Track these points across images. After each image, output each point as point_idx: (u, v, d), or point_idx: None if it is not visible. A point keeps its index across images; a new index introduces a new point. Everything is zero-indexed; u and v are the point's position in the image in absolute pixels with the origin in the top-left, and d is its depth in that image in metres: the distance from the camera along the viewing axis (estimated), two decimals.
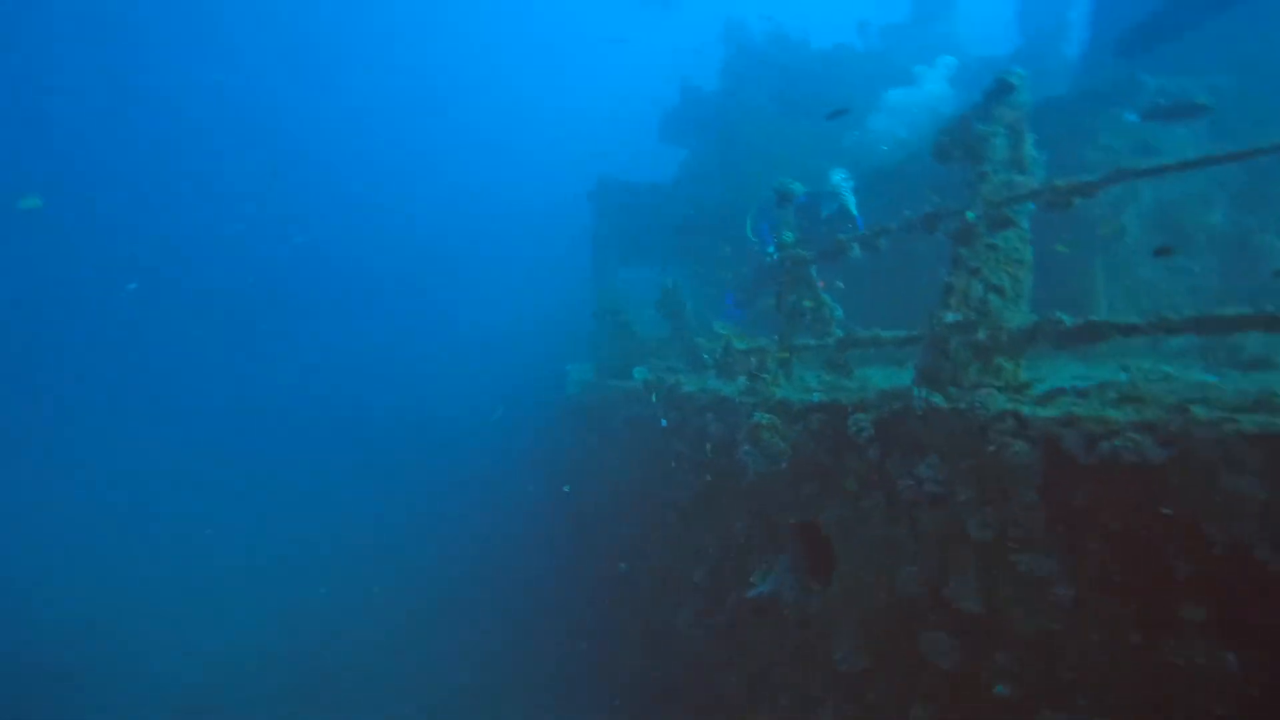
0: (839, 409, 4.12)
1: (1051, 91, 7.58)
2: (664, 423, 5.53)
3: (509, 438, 15.11)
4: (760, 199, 8.57)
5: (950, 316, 3.56)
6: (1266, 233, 6.35)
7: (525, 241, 31.12)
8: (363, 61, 43.16)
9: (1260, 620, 2.25)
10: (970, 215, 3.68)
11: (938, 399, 3.38)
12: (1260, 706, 2.25)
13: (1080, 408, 2.91)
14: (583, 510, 8.99)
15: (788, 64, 14.62)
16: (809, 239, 8.05)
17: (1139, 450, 2.42)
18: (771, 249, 7.90)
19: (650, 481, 6.81)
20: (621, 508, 7.58)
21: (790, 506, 4.55)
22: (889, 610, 3.56)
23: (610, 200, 15.20)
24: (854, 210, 7.82)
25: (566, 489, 9.74)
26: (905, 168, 8.69)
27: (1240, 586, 2.27)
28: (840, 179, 7.92)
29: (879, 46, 16.68)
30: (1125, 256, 6.38)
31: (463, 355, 23.80)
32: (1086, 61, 9.68)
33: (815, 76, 14.43)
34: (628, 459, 7.60)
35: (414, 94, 44.14)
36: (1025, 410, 2.95)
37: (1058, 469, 2.77)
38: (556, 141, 39.70)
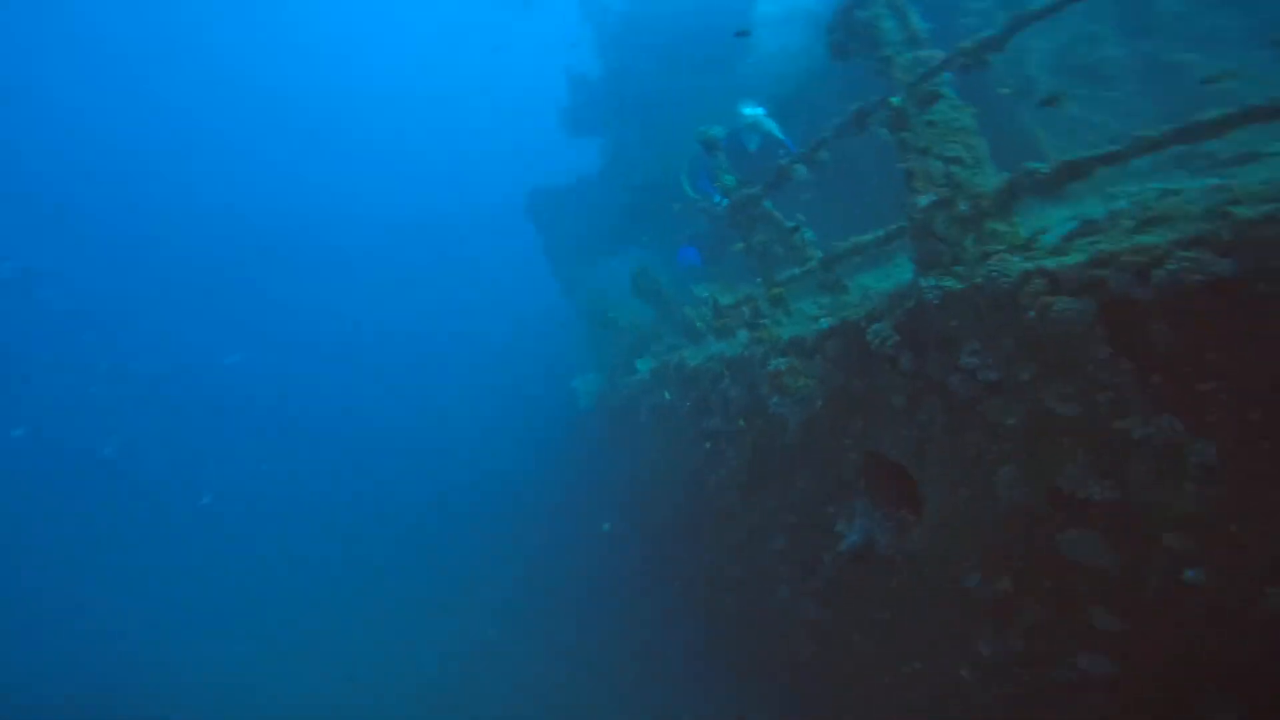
0: (853, 327, 3.93)
1: None
2: (667, 395, 5.31)
3: (532, 471, 14.89)
4: (689, 155, 8.31)
5: (924, 200, 3.36)
6: (1173, 51, 6.25)
7: (460, 260, 30.72)
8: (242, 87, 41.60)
9: None
10: (895, 100, 3.50)
11: (950, 282, 3.18)
12: None
13: (1106, 243, 2.72)
14: (641, 520, 8.80)
15: (656, 22, 14.24)
16: (747, 176, 7.85)
17: (1200, 267, 2.20)
18: (718, 198, 7.67)
19: (697, 468, 6.63)
20: (676, 503, 7.39)
21: (846, 446, 4.37)
22: (1005, 522, 3.34)
23: (548, 209, 14.89)
24: (779, 134, 7.60)
25: (606, 528, 9.64)
26: (808, 89, 8.39)
27: None
28: (750, 109, 7.68)
29: None
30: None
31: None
32: None
33: (687, 24, 14.06)
34: (665, 452, 7.41)
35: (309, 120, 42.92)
36: (1049, 263, 2.75)
37: (1119, 313, 2.55)
38: (469, 155, 38.89)
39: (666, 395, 6.11)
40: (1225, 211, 2.25)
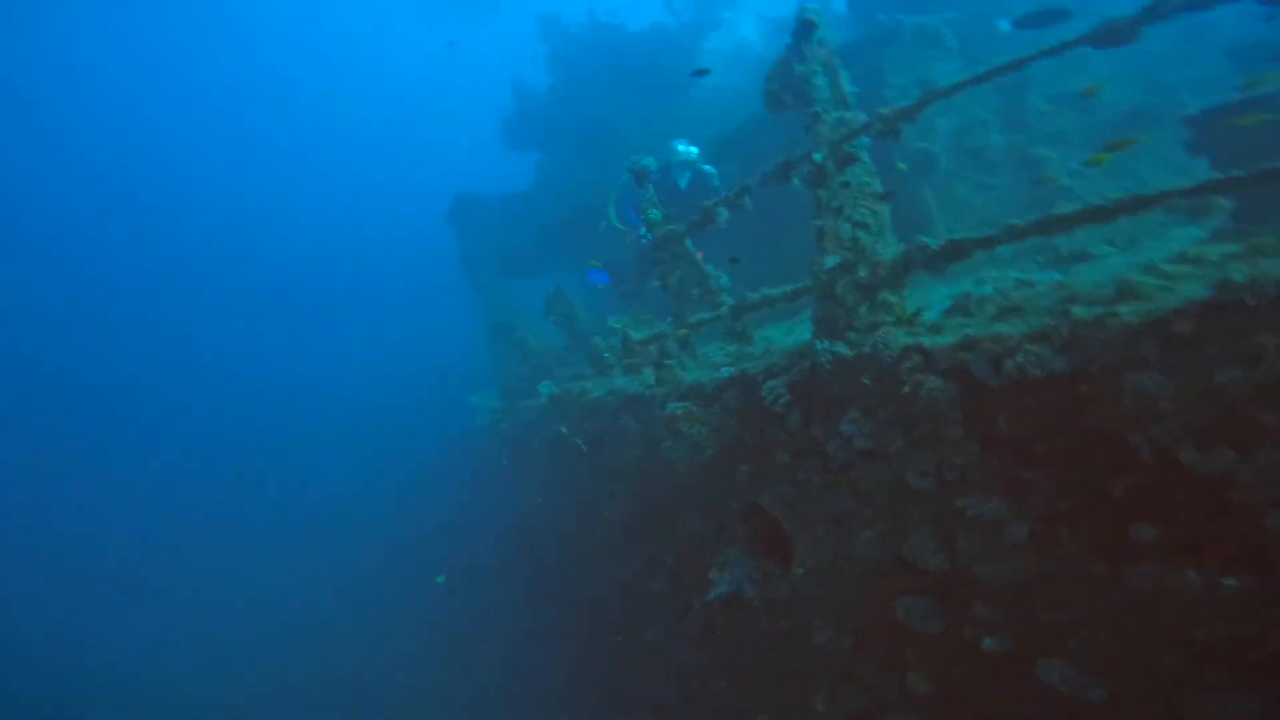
0: (750, 380, 3.99)
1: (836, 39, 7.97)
2: (564, 430, 5.18)
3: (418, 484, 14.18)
4: (617, 184, 8.32)
5: (830, 261, 3.50)
6: (1035, 146, 7.04)
7: (383, 269, 29.46)
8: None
9: (1205, 532, 2.19)
10: (818, 157, 3.65)
11: (841, 348, 3.29)
12: (1238, 620, 2.15)
13: (973, 328, 2.91)
14: (526, 545, 8.50)
15: (610, 50, 14.46)
16: (673, 212, 7.96)
17: (1041, 362, 2.40)
18: (643, 231, 7.71)
19: (586, 498, 6.49)
20: (562, 532, 7.19)
21: (729, 494, 4.40)
22: (858, 581, 3.46)
23: (472, 218, 14.48)
24: (709, 169, 7.77)
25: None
26: (749, 129, 8.77)
27: (1176, 495, 2.21)
28: (684, 147, 7.83)
29: (691, 19, 16.91)
30: (942, 180, 6.82)
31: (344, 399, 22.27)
32: (854, 11, 10.12)
33: (639, 56, 14.38)
34: (557, 480, 7.22)
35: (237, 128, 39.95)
36: (926, 341, 2.91)
37: (974, 397, 2.73)
38: (398, 161, 37.49)
39: (564, 430, 5.96)
40: (1066, 310, 2.46)
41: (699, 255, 7.43)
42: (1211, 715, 2.28)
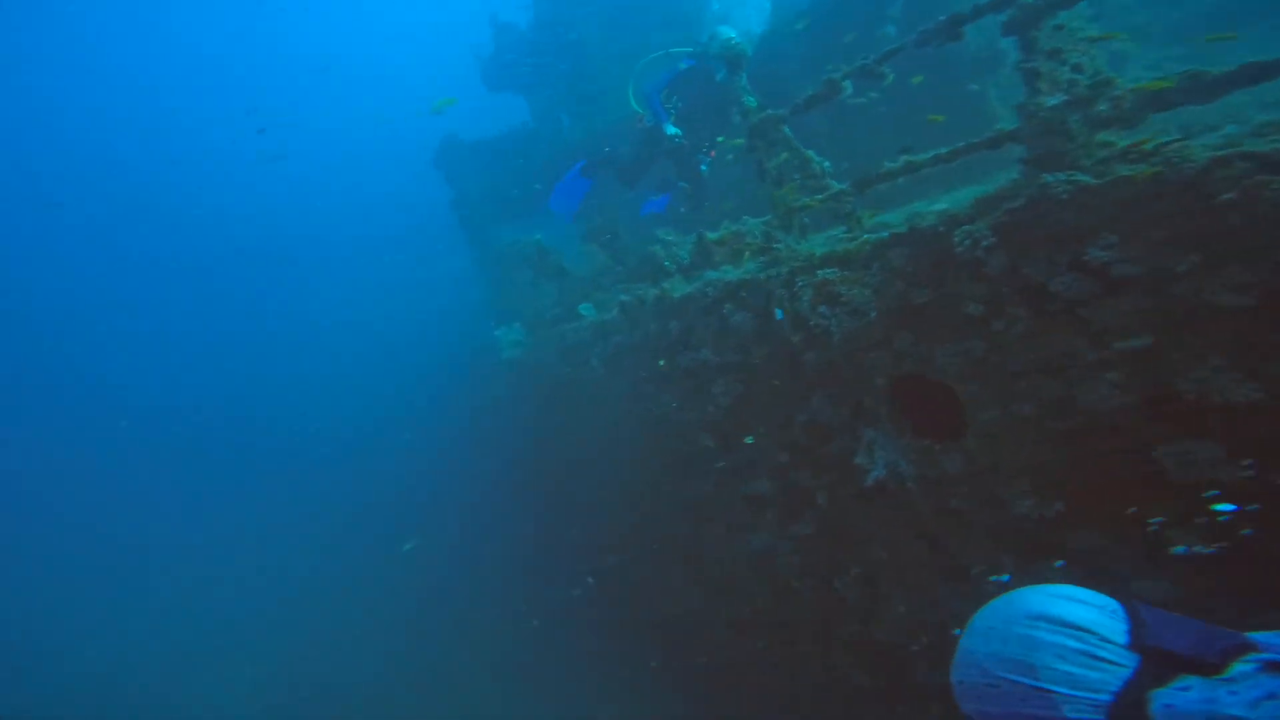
0: (927, 233, 3.42)
1: None
2: (780, 314, 4.41)
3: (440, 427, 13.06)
4: (642, 65, 7.39)
5: (1051, 100, 2.95)
6: (1113, 43, 6.52)
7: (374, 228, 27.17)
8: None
9: None
10: None
11: (1082, 177, 2.76)
12: None
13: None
14: (588, 472, 7.75)
15: None
16: (695, 109, 7.16)
17: None
18: (669, 127, 6.91)
19: (662, 412, 5.85)
20: (631, 454, 6.53)
21: (881, 366, 3.87)
22: (1083, 435, 2.98)
23: (461, 161, 13.22)
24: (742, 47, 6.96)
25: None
26: (767, 62, 7.88)
27: None
28: (728, 33, 6.93)
29: None
30: (1007, 78, 6.30)
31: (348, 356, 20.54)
32: None
33: None
34: (622, 397, 6.53)
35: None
36: (1251, 146, 2.37)
37: None
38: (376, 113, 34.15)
39: (780, 313, 4.99)
40: None
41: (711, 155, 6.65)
42: None
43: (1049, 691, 0.90)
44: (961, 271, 3.25)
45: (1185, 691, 0.80)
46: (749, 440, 4.40)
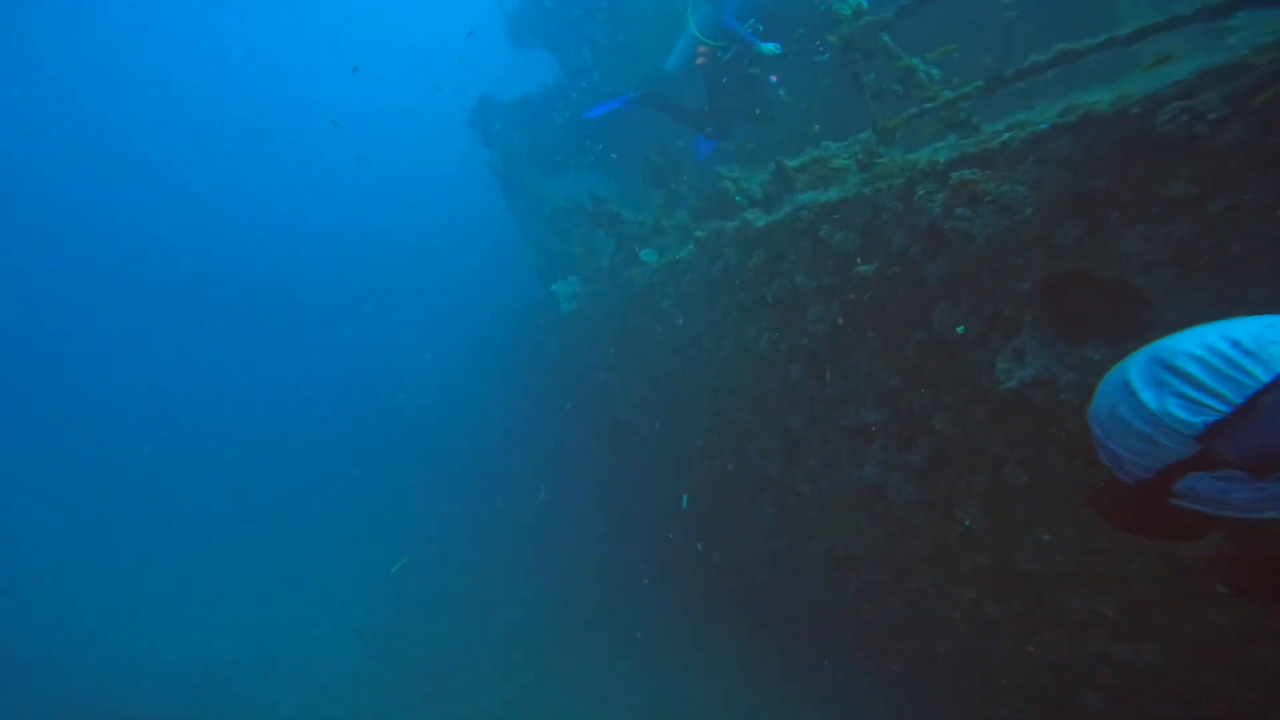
0: (1102, 119, 2.84)
1: None
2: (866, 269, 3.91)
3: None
4: None
5: None
6: None
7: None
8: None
9: None
10: None
11: None
12: None
13: None
14: (657, 416, 7.38)
15: None
16: (788, 20, 6.44)
17: None
18: (765, 46, 6.23)
19: (745, 346, 5.42)
20: (712, 396, 6.14)
21: (1021, 272, 3.34)
22: None
23: (497, 121, 12.67)
24: None
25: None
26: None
27: None
28: None
29: None
30: None
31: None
32: None
33: None
34: (698, 337, 6.12)
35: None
36: None
37: None
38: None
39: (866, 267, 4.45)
40: None
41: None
42: None
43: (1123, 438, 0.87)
44: (1166, 152, 2.66)
45: (1219, 481, 0.80)
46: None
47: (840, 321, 4.43)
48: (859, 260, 4.08)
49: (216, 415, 22.69)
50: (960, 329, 3.57)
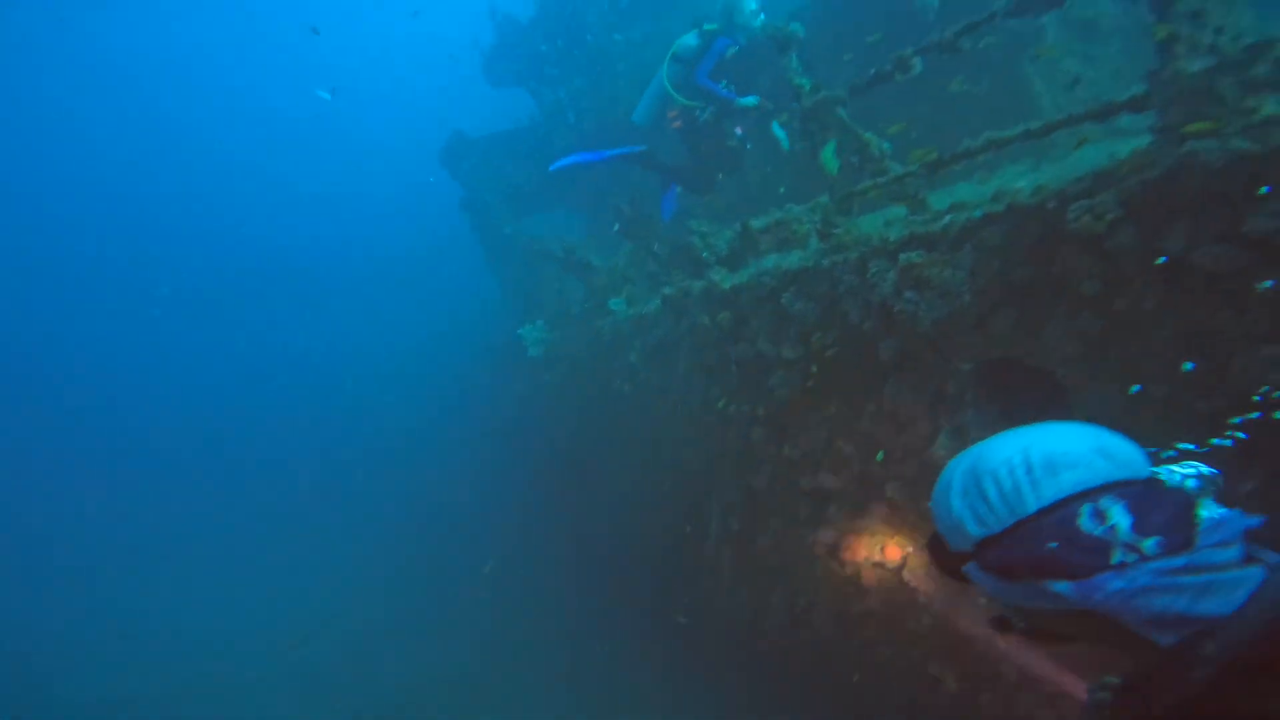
0: (1026, 210, 3.07)
1: None
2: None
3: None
4: (674, 51, 6.77)
5: (1197, 64, 2.59)
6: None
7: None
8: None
9: None
10: None
11: (1240, 143, 2.41)
12: None
13: None
14: (616, 473, 7.39)
15: None
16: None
17: None
18: (744, 99, 6.41)
19: (709, 396, 5.50)
20: (675, 450, 6.18)
21: (959, 352, 3.53)
22: (1228, 410, 2.66)
23: (470, 158, 12.67)
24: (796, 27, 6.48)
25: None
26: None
27: None
28: (754, 5, 6.35)
29: None
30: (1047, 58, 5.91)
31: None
32: None
33: None
34: (662, 393, 6.18)
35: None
36: None
37: None
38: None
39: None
40: None
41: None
42: None
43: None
44: (1075, 248, 2.90)
45: (984, 573, 0.94)
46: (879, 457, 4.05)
47: (798, 389, 4.56)
48: (815, 331, 4.24)
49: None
50: (879, 455, 3.82)
